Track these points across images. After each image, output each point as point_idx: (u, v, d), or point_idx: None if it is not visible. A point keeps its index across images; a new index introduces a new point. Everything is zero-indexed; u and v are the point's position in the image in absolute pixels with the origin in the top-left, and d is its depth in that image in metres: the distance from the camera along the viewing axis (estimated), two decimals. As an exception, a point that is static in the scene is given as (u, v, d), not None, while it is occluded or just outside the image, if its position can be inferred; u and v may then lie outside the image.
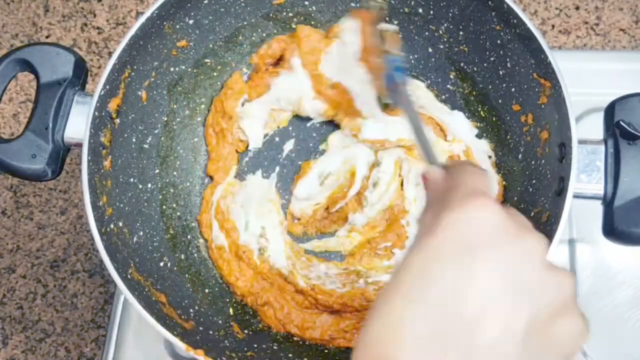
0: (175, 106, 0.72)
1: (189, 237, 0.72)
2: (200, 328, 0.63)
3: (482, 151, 0.71)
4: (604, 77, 0.82)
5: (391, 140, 0.71)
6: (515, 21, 0.63)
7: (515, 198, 0.67)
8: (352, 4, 0.74)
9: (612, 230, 0.57)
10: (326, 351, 0.66)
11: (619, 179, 0.57)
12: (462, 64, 0.73)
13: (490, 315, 0.33)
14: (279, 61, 0.75)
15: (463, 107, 0.74)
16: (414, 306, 0.33)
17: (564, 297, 0.35)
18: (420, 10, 0.72)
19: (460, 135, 0.72)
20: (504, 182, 0.70)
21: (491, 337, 0.32)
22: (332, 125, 0.75)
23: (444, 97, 0.75)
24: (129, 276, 0.59)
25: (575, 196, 0.57)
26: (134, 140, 0.68)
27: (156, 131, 0.71)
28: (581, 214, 0.75)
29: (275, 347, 0.65)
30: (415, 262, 0.35)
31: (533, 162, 0.65)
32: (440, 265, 0.34)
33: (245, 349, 0.63)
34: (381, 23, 0.60)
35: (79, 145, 0.60)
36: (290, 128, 0.76)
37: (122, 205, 0.64)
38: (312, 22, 0.75)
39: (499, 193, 0.69)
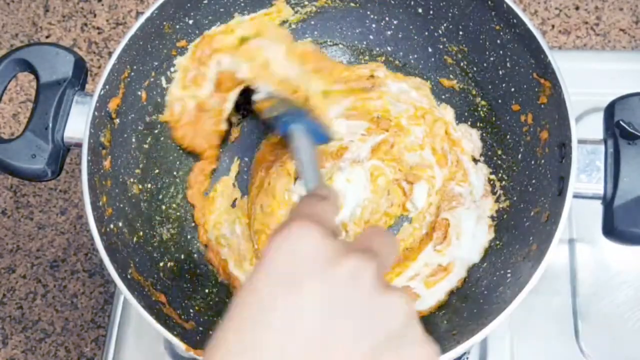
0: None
1: (189, 237, 0.72)
2: (200, 328, 0.63)
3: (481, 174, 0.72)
4: (604, 77, 0.82)
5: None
6: (515, 21, 0.63)
7: (515, 198, 0.67)
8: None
9: (612, 230, 0.57)
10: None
11: (619, 179, 0.57)
12: (462, 64, 0.73)
13: (325, 356, 0.30)
14: None
15: (462, 107, 0.74)
16: (245, 353, 0.31)
17: (400, 320, 0.33)
18: (420, 10, 0.72)
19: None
20: (503, 182, 0.70)
21: None
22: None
23: (443, 97, 0.75)
24: (129, 276, 0.59)
25: (575, 196, 0.57)
26: (133, 140, 0.68)
27: (156, 131, 0.71)
28: (581, 214, 0.75)
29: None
30: (244, 300, 0.32)
31: (533, 162, 0.65)
32: (267, 303, 0.31)
33: (245, 349, 0.63)
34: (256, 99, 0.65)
35: (79, 145, 0.60)
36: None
37: (122, 205, 0.64)
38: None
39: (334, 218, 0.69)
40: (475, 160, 0.72)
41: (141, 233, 0.66)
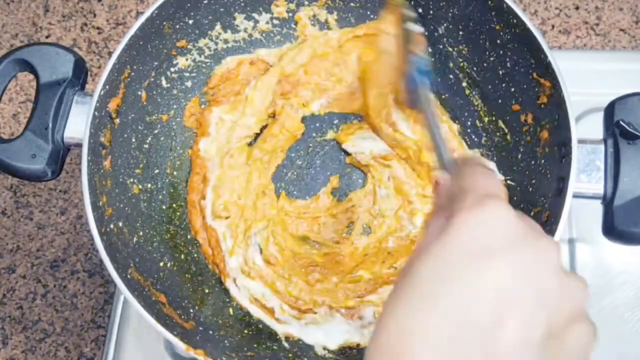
0: (175, 106, 0.72)
1: (189, 237, 0.72)
2: (200, 328, 0.63)
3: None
4: (604, 77, 0.82)
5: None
6: (515, 21, 0.63)
7: (515, 198, 0.67)
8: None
9: (612, 230, 0.57)
10: (326, 351, 0.66)
11: (619, 179, 0.57)
12: (462, 64, 0.73)
13: (509, 322, 0.32)
14: None
15: (462, 107, 0.74)
16: (431, 311, 0.32)
17: (579, 304, 0.35)
18: (420, 10, 0.72)
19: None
20: (503, 182, 0.70)
21: (510, 344, 0.32)
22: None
23: (443, 97, 0.75)
24: (128, 276, 0.59)
25: (575, 196, 0.57)
26: (133, 140, 0.68)
27: (156, 131, 0.71)
28: (581, 214, 0.75)
29: (275, 347, 0.65)
30: (430, 264, 0.34)
31: (533, 162, 0.65)
32: (456, 269, 0.33)
33: (245, 349, 0.63)
34: (408, 23, 0.59)
35: (79, 145, 0.60)
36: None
37: (122, 205, 0.64)
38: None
39: (505, 194, 0.69)
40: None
41: (141, 233, 0.66)
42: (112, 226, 0.61)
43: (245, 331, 0.66)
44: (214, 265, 0.70)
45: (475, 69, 0.71)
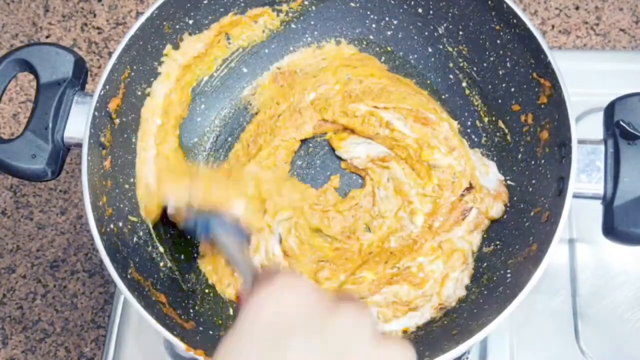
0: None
1: (188, 236, 0.72)
2: (200, 328, 0.63)
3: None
4: (604, 77, 0.82)
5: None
6: (515, 21, 0.63)
7: (515, 198, 0.67)
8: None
9: (612, 230, 0.57)
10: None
11: (619, 179, 0.57)
12: (462, 64, 0.73)
13: None
14: None
15: (462, 107, 0.74)
16: None
17: None
18: (420, 10, 0.72)
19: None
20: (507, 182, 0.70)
21: None
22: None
23: (443, 97, 0.75)
24: (129, 276, 0.59)
25: (575, 196, 0.57)
26: (133, 140, 0.68)
27: (156, 131, 0.71)
28: (581, 214, 0.75)
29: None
30: (237, 343, 0.31)
31: (533, 162, 0.65)
32: (258, 350, 0.30)
33: (245, 349, 0.63)
34: None
35: (79, 145, 0.60)
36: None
37: (122, 206, 0.64)
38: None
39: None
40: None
41: (141, 233, 0.66)
42: (112, 226, 0.61)
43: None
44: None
45: (475, 69, 0.71)
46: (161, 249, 0.68)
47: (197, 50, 0.71)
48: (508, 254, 0.64)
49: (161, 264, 0.67)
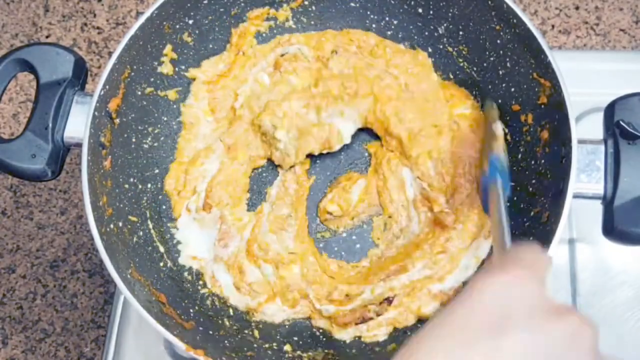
0: (174, 106, 0.72)
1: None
2: (200, 328, 0.63)
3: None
4: (604, 77, 0.82)
5: None
6: (515, 21, 0.63)
7: (516, 198, 0.67)
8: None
9: (612, 230, 0.57)
10: (327, 351, 0.66)
11: (619, 179, 0.57)
12: (462, 64, 0.73)
13: None
14: None
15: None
16: None
17: None
18: (420, 10, 0.72)
19: None
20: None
21: None
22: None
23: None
24: (128, 276, 0.59)
25: (575, 196, 0.57)
26: (134, 140, 0.68)
27: (156, 131, 0.71)
28: (581, 214, 0.75)
29: (275, 347, 0.65)
30: (446, 331, 0.32)
31: (533, 162, 0.65)
32: (470, 337, 0.31)
33: (245, 348, 0.63)
34: (493, 124, 0.64)
35: (79, 145, 0.60)
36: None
37: (122, 206, 0.64)
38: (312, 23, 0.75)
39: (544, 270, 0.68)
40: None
41: (141, 233, 0.66)
42: (112, 226, 0.61)
43: (246, 331, 0.66)
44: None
45: (475, 69, 0.71)
46: (162, 249, 0.68)
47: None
48: (508, 254, 0.64)
49: (161, 264, 0.67)
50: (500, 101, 0.70)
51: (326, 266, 0.69)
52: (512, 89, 0.68)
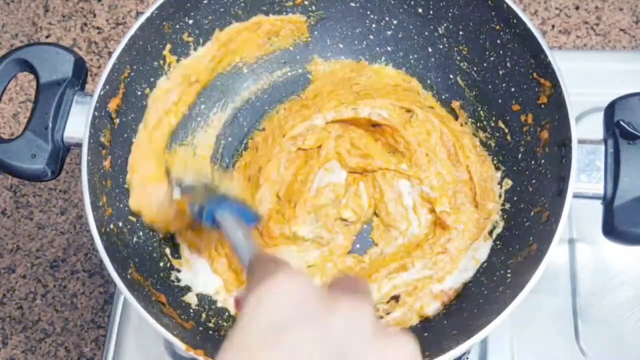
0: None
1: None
2: (200, 328, 0.63)
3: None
4: (604, 77, 0.82)
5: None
6: (515, 21, 0.63)
7: (515, 198, 0.67)
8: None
9: (612, 230, 0.57)
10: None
11: (619, 179, 0.57)
12: (461, 64, 0.73)
13: None
14: None
15: (462, 107, 0.74)
16: None
17: None
18: (420, 10, 0.72)
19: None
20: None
21: None
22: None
23: (443, 97, 0.75)
24: (128, 276, 0.59)
25: (575, 196, 0.57)
26: (134, 140, 0.68)
27: (156, 131, 0.71)
28: (581, 214, 0.75)
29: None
30: (237, 338, 0.31)
31: (533, 162, 0.65)
32: (253, 353, 0.30)
33: (245, 349, 0.63)
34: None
35: (79, 145, 0.60)
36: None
37: (122, 206, 0.64)
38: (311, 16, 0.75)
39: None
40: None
41: (141, 233, 0.66)
42: (112, 226, 0.61)
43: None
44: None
45: (475, 69, 0.71)
46: (161, 249, 0.68)
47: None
48: (508, 254, 0.64)
49: (161, 264, 0.67)
50: (500, 101, 0.70)
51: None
52: (512, 89, 0.68)
